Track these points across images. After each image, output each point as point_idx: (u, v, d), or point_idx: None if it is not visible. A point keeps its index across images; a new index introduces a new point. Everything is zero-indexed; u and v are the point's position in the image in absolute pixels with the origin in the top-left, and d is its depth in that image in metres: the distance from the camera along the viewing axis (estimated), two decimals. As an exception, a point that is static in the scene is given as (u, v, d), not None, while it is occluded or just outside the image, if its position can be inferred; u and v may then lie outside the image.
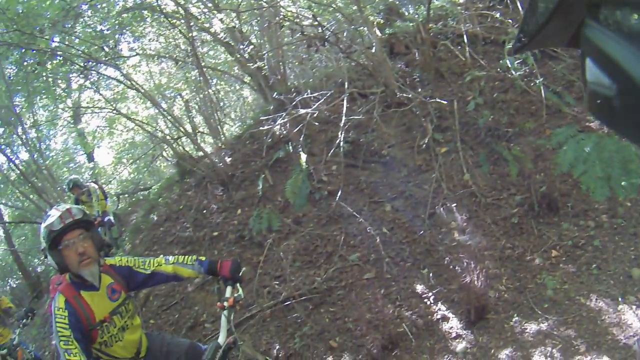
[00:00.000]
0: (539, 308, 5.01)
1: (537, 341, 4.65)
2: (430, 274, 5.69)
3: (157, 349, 3.68)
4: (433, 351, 4.97)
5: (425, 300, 5.51)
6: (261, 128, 8.48)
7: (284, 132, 8.44)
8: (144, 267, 3.47)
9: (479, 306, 4.97)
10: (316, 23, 7.67)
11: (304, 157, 7.61)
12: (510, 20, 7.91)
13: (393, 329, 5.14)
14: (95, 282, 3.17)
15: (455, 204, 6.19)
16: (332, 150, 7.31)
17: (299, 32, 7.58)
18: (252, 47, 9.18)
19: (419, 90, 7.46)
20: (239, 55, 9.39)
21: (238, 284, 3.37)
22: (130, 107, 14.45)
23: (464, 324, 5.08)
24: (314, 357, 5.54)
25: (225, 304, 3.22)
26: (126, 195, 16.51)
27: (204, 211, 8.84)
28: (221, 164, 9.13)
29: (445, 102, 7.03)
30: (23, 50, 8.61)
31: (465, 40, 7.70)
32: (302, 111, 7.41)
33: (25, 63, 10.01)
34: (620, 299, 4.84)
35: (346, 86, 7.57)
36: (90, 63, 8.65)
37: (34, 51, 8.52)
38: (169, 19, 9.37)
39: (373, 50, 7.84)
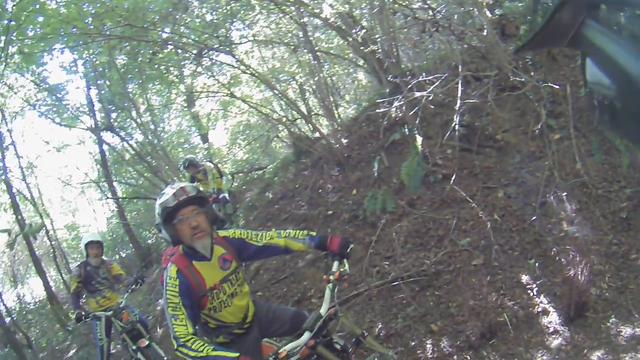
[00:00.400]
0: (637, 311, 4.95)
1: (629, 346, 4.59)
2: (537, 265, 5.70)
3: (263, 315, 3.96)
4: (529, 344, 5.00)
5: (529, 291, 5.53)
6: (377, 110, 8.56)
7: (400, 114, 8.46)
8: (257, 240, 3.75)
9: (579, 302, 4.99)
10: (426, 6, 7.75)
11: (419, 139, 7.68)
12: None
13: (494, 318, 5.22)
14: (207, 254, 3.48)
15: (566, 194, 6.15)
16: (447, 134, 7.35)
17: (410, 16, 7.82)
18: (364, 31, 9.45)
19: (532, 73, 7.44)
20: (351, 39, 9.70)
21: (345, 260, 3.60)
22: (244, 90, 15.15)
23: (563, 319, 5.09)
24: (413, 338, 5.65)
25: (331, 277, 3.46)
26: (241, 174, 17.26)
27: (319, 190, 9.14)
28: (337, 145, 9.48)
29: (558, 87, 7.02)
30: (136, 42, 9.26)
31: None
32: (418, 94, 7.44)
33: (138, 53, 10.86)
34: None
35: (460, 69, 7.52)
36: (203, 51, 9.23)
37: (146, 42, 9.20)
38: (279, 7, 9.80)
39: (484, 33, 7.92)
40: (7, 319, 12.64)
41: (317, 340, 3.28)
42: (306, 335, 3.23)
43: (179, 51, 10.27)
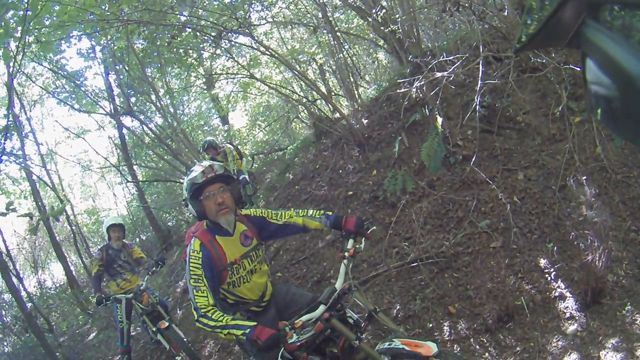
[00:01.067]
0: (653, 300, 4.85)
1: (643, 335, 4.52)
2: (555, 249, 5.66)
3: (281, 296, 4.19)
4: (545, 329, 5.02)
5: (547, 275, 5.53)
6: (397, 91, 8.61)
7: (420, 95, 8.41)
8: (277, 219, 4.03)
9: (596, 288, 4.94)
10: (447, -14, 7.81)
11: (440, 120, 7.69)
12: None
13: (511, 302, 5.24)
14: (230, 229, 3.76)
15: (585, 178, 5.99)
16: (467, 115, 7.33)
17: (431, -6, 7.86)
18: (384, 10, 9.43)
19: (553, 55, 7.19)
20: (371, 19, 9.63)
21: (363, 238, 3.86)
22: (264, 72, 15.34)
23: (579, 305, 5.06)
24: (431, 320, 5.75)
25: (346, 254, 3.71)
26: (261, 156, 17.56)
27: (340, 171, 9.32)
28: (358, 126, 9.58)
29: (579, 69, 6.57)
30: (154, 26, 9.46)
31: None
32: (438, 74, 7.33)
33: (157, 37, 11.00)
34: None
35: (481, 50, 7.39)
36: (222, 33, 9.34)
37: (164, 26, 9.34)
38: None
39: (506, 13, 7.89)
40: (29, 305, 13.03)
41: (332, 313, 3.47)
42: (321, 308, 3.42)
43: (198, 34, 10.40)
